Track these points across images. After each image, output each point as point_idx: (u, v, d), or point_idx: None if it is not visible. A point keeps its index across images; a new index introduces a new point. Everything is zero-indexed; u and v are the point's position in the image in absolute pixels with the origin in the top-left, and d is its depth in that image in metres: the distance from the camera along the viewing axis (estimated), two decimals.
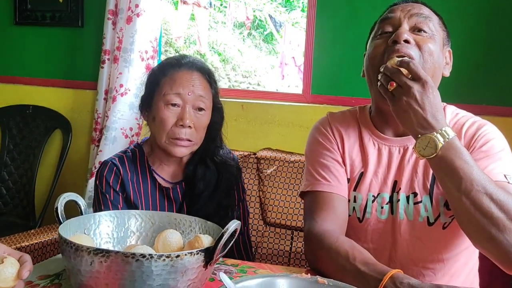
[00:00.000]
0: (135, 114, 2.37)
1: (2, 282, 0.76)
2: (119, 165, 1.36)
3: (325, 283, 0.77)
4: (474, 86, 2.07)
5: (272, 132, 2.29)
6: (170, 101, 1.32)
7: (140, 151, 1.42)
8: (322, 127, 1.25)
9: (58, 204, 0.93)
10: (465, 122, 1.16)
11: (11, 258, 0.79)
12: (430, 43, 1.09)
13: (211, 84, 1.40)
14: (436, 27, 1.13)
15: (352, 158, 1.20)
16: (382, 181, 1.16)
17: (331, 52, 2.24)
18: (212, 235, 0.96)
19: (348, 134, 1.22)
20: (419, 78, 0.98)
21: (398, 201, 1.14)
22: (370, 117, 1.23)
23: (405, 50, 1.06)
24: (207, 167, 1.41)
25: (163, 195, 1.39)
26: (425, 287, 0.81)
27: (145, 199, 1.37)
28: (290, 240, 1.96)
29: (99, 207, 1.34)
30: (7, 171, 2.58)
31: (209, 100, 1.38)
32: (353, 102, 2.11)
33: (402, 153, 1.16)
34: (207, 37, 5.86)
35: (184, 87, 1.33)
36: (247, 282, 0.75)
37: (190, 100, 1.33)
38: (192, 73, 1.36)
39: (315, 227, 1.09)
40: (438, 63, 1.11)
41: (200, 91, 1.35)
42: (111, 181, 1.34)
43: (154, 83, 1.38)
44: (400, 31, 1.08)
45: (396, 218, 1.14)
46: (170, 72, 1.35)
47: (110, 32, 2.40)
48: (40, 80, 2.67)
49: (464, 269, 1.18)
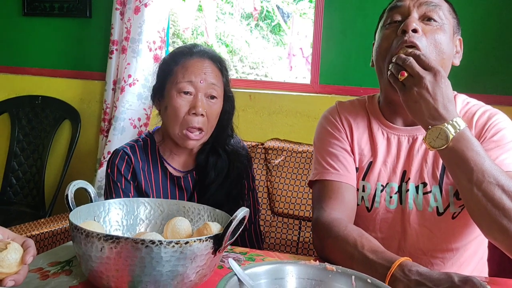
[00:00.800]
0: (143, 105, 2.38)
1: (6, 268, 0.76)
2: (131, 154, 1.37)
3: (334, 270, 0.77)
4: (485, 75, 2.05)
5: (280, 122, 2.29)
6: (182, 89, 1.32)
7: (152, 140, 1.42)
8: (331, 116, 1.25)
9: (68, 191, 0.93)
10: (476, 111, 1.15)
11: (14, 244, 0.79)
12: (440, 33, 1.08)
13: (223, 72, 1.40)
14: (446, 15, 1.11)
15: (361, 147, 1.20)
16: (391, 171, 1.16)
17: (339, 41, 2.23)
18: (221, 222, 0.96)
19: (356, 123, 1.22)
20: (430, 68, 0.97)
21: (407, 191, 1.14)
22: (379, 106, 1.22)
23: (414, 40, 1.05)
24: (219, 156, 1.41)
25: (174, 184, 1.40)
26: (434, 274, 0.81)
27: (156, 188, 1.38)
28: (298, 230, 1.97)
29: (110, 195, 1.35)
30: (17, 161, 2.61)
31: (220, 88, 1.38)
32: (361, 92, 2.11)
33: (411, 142, 1.16)
34: (214, 28, 5.84)
35: (196, 75, 1.33)
36: (256, 269, 0.76)
37: (202, 88, 1.33)
38: (204, 61, 1.36)
39: (323, 216, 1.09)
40: (447, 53, 1.10)
41: (212, 79, 1.35)
42: (122, 169, 1.35)
43: (166, 72, 1.38)
44: (409, 21, 1.07)
45: (405, 208, 1.14)
46: (182, 61, 1.35)
47: (118, 22, 2.40)
48: (49, 71, 2.68)
49: (473, 259, 1.18)
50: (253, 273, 0.74)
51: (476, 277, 0.78)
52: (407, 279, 0.82)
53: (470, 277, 0.77)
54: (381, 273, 0.85)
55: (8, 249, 0.77)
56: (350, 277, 0.75)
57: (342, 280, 0.76)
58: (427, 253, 1.14)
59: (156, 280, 0.79)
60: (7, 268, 0.76)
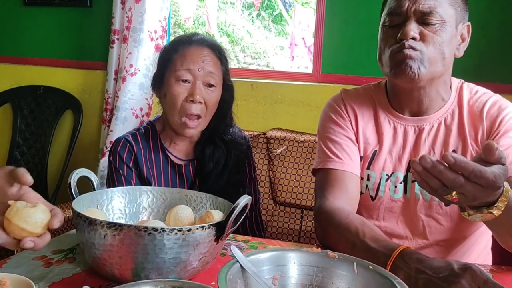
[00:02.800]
0: (145, 94, 2.38)
1: (30, 226, 0.73)
2: (133, 142, 1.38)
3: (336, 256, 0.77)
4: (492, 63, 2.03)
5: (282, 112, 2.28)
6: (180, 76, 1.34)
7: (153, 129, 1.44)
8: (336, 104, 1.24)
9: (71, 179, 0.94)
10: (486, 101, 1.14)
11: (43, 205, 0.77)
12: (439, 34, 1.07)
13: (222, 61, 1.40)
14: (446, 10, 1.08)
15: (366, 136, 1.19)
16: (397, 160, 1.16)
17: (341, 30, 2.21)
18: (223, 210, 0.97)
19: (362, 112, 1.21)
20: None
21: (413, 181, 1.13)
22: (386, 95, 1.21)
23: (412, 47, 1.05)
24: (216, 146, 1.42)
25: (175, 171, 1.41)
26: (434, 262, 0.81)
27: (158, 175, 1.39)
28: (300, 219, 1.97)
29: (112, 182, 1.36)
30: (19, 151, 2.62)
31: (219, 77, 1.39)
32: (364, 81, 2.10)
33: (417, 133, 1.15)
34: (216, 18, 5.80)
35: (194, 63, 1.34)
36: (258, 255, 0.76)
37: (200, 76, 1.34)
38: (202, 50, 1.36)
39: (325, 204, 1.09)
40: (447, 52, 1.08)
41: (210, 67, 1.36)
42: (124, 157, 1.36)
43: (165, 60, 1.40)
44: (407, 29, 1.05)
45: (411, 198, 1.14)
46: (181, 49, 1.37)
47: (119, 11, 2.39)
48: (50, 60, 2.68)
49: (478, 247, 1.18)
50: (255, 260, 0.75)
51: (480, 265, 0.78)
52: (407, 267, 0.82)
53: (470, 265, 0.77)
54: (382, 261, 0.85)
55: (36, 208, 0.75)
56: (352, 263, 0.76)
57: (343, 267, 0.76)
58: (432, 242, 1.15)
59: (159, 267, 0.80)
60: (31, 226, 0.73)
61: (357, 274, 0.75)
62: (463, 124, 1.13)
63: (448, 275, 0.77)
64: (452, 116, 1.15)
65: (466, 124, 1.13)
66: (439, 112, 1.15)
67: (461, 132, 1.13)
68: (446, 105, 1.16)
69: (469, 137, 1.12)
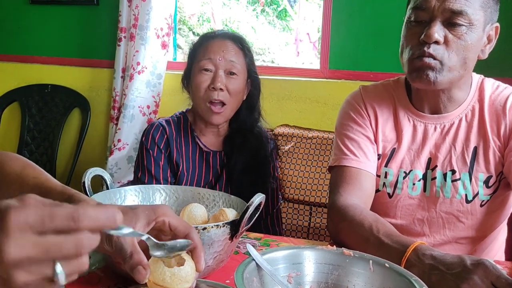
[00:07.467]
0: (152, 92, 2.38)
1: (186, 283, 0.63)
2: (166, 126, 1.45)
3: (351, 254, 0.77)
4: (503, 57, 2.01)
5: (289, 108, 2.28)
6: (203, 66, 1.41)
7: (185, 118, 1.51)
8: (355, 102, 1.22)
9: (85, 178, 0.94)
10: (508, 95, 1.12)
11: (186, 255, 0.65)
12: (465, 38, 1.02)
13: (244, 51, 1.46)
14: (476, 10, 1.02)
15: (385, 134, 1.18)
16: (415, 158, 1.15)
17: (348, 26, 2.20)
18: (236, 209, 0.97)
19: (381, 110, 1.20)
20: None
21: (433, 179, 1.13)
22: (406, 92, 1.20)
23: (433, 54, 1.02)
24: (245, 138, 1.47)
25: (202, 159, 1.47)
26: (447, 258, 0.81)
27: (186, 160, 1.45)
28: (309, 216, 1.98)
29: (142, 162, 1.43)
30: (28, 150, 2.63)
31: (241, 65, 1.44)
32: (371, 76, 2.09)
33: (438, 131, 1.14)
34: (220, 14, 5.79)
35: (215, 53, 1.41)
36: (274, 254, 0.76)
37: (221, 65, 1.41)
38: (224, 41, 1.44)
39: (339, 200, 1.09)
40: (470, 57, 1.05)
41: (231, 56, 1.42)
42: (156, 138, 1.43)
43: (192, 55, 1.48)
44: (431, 31, 1.01)
45: (430, 195, 1.14)
46: (205, 42, 1.45)
47: (126, 9, 2.39)
48: (58, 59, 2.69)
49: (496, 244, 1.18)
50: (271, 258, 0.75)
51: (497, 262, 0.78)
52: (421, 264, 0.82)
53: (483, 260, 0.77)
54: (396, 258, 0.85)
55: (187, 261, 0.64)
56: (367, 261, 0.76)
57: (359, 264, 0.76)
58: (452, 240, 1.14)
59: None
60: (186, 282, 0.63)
61: (373, 272, 0.75)
62: (483, 119, 1.12)
63: (461, 271, 0.76)
64: (473, 112, 1.13)
65: (488, 120, 1.12)
66: (459, 109, 1.14)
67: (481, 127, 1.12)
68: (465, 102, 1.14)
69: (491, 132, 1.11)
